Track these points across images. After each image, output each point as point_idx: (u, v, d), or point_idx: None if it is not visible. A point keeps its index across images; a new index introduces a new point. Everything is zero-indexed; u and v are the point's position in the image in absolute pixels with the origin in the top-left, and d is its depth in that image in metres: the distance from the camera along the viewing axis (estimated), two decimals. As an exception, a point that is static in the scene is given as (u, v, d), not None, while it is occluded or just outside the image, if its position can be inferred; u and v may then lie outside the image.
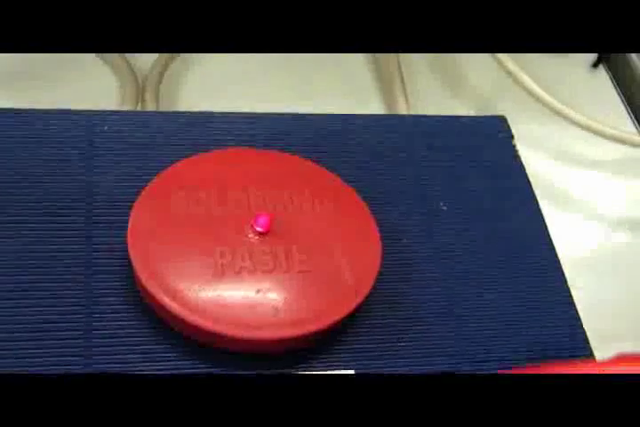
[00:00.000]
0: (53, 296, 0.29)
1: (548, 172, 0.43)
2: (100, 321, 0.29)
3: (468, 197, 0.36)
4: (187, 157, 0.32)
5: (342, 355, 0.30)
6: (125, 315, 0.29)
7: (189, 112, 0.36)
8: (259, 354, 0.29)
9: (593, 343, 0.32)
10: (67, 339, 0.28)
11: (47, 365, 0.28)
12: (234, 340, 0.27)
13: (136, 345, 0.29)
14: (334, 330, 0.29)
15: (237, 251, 0.29)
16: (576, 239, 0.42)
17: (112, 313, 0.29)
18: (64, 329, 0.28)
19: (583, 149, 0.45)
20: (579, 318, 0.33)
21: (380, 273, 0.30)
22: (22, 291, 0.29)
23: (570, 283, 0.34)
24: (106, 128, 0.34)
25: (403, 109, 0.43)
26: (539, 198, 0.37)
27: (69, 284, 0.29)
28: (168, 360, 0.28)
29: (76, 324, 0.29)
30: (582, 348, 0.32)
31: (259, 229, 0.29)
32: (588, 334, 0.33)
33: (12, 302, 0.29)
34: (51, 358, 0.28)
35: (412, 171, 0.36)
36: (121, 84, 0.42)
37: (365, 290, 0.29)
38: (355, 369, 0.29)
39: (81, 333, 0.28)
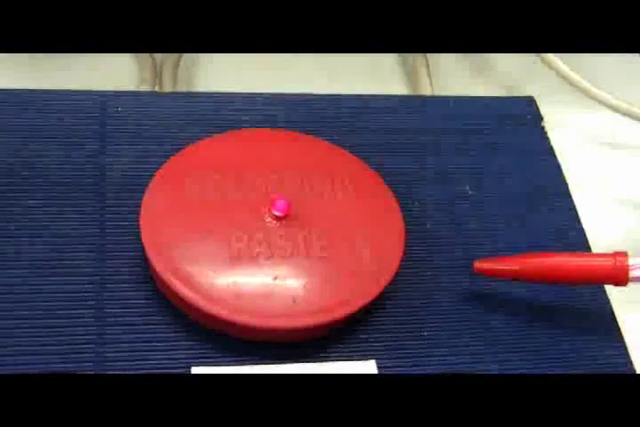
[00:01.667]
0: (64, 282, 0.28)
1: (578, 156, 0.42)
2: (113, 308, 0.28)
3: (495, 182, 0.35)
4: (202, 138, 0.31)
5: (363, 345, 0.29)
6: (138, 301, 0.28)
7: (205, 93, 0.35)
8: (276, 343, 0.28)
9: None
10: (78, 326, 0.27)
11: (59, 353, 0.27)
12: (249, 329, 0.26)
13: (149, 333, 0.27)
14: (355, 319, 0.28)
15: (254, 236, 0.28)
16: (607, 226, 0.40)
17: (125, 300, 0.28)
18: (75, 316, 0.27)
19: (616, 133, 0.43)
20: (610, 307, 0.32)
21: (404, 259, 0.29)
22: (32, 277, 0.28)
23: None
24: (119, 109, 0.33)
25: (426, 90, 0.41)
26: (569, 183, 0.35)
27: (81, 269, 0.28)
28: (182, 349, 0.27)
29: (87, 310, 0.28)
30: (619, 346, 0.31)
31: (276, 213, 0.28)
32: (620, 324, 0.31)
33: (22, 288, 0.28)
34: (62, 346, 0.27)
35: (435, 154, 0.35)
36: (139, 65, 0.41)
37: (388, 277, 0.28)
38: (376, 359, 0.28)
39: (93, 320, 0.27)
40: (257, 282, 0.27)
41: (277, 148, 0.31)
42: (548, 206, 0.34)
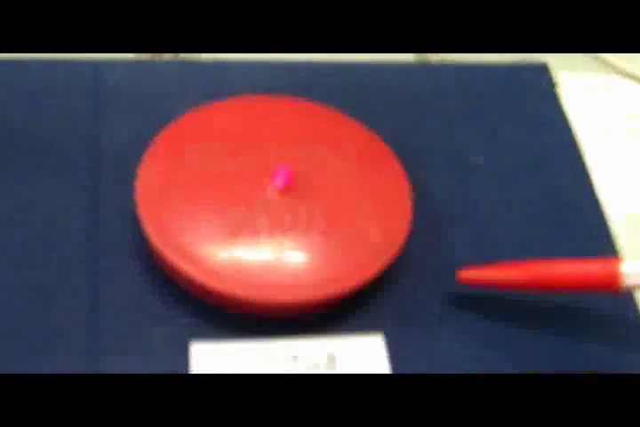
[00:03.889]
0: (56, 258, 0.27)
1: (594, 126, 0.40)
2: (108, 282, 0.27)
3: (507, 152, 0.33)
4: (201, 106, 0.29)
5: (370, 318, 0.27)
6: (134, 277, 0.27)
7: (205, 60, 0.34)
8: (278, 318, 0.27)
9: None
10: (70, 298, 0.26)
11: (51, 332, 0.26)
12: (250, 303, 0.25)
13: (147, 309, 0.26)
14: (361, 292, 0.27)
15: (255, 209, 0.26)
16: (624, 196, 0.38)
17: (120, 275, 0.27)
18: (68, 291, 0.26)
19: (635, 102, 0.41)
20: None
21: (411, 233, 0.27)
22: (22, 251, 0.27)
23: (617, 241, 0.31)
24: (115, 77, 0.32)
25: (434, 56, 0.40)
26: (585, 154, 0.34)
27: (74, 241, 0.27)
28: (182, 324, 0.26)
29: (81, 284, 0.27)
30: (630, 308, 0.29)
31: (278, 184, 0.27)
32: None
33: (14, 262, 0.27)
34: (55, 319, 0.26)
35: (444, 123, 0.33)
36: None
37: (394, 250, 0.27)
38: (384, 333, 0.27)
39: (86, 295, 0.26)
40: (258, 255, 0.26)
41: (279, 116, 0.29)
42: (562, 179, 0.33)
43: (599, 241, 0.31)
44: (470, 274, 0.27)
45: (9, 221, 0.28)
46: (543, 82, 0.36)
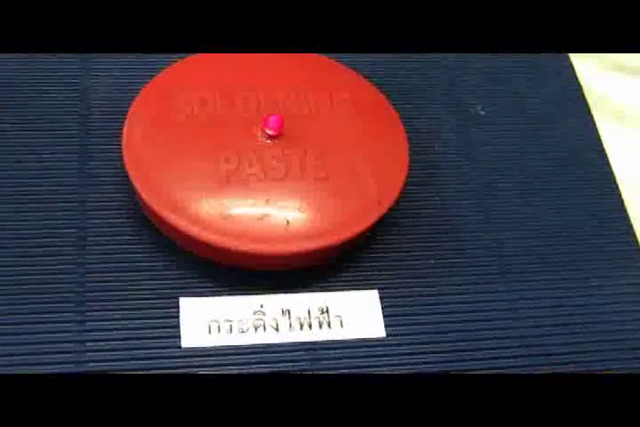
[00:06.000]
0: (45, 209, 0.26)
1: (605, 86, 0.39)
2: (96, 236, 0.26)
3: (509, 102, 0.32)
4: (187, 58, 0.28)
5: (365, 273, 0.27)
6: (122, 229, 0.26)
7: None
8: (271, 272, 0.26)
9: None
10: (59, 255, 0.25)
11: (38, 283, 0.25)
12: (240, 255, 0.24)
13: (134, 262, 0.26)
14: (355, 245, 0.26)
15: (245, 156, 0.25)
16: (634, 158, 0.37)
17: (108, 227, 0.26)
18: (56, 245, 0.26)
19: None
20: (634, 234, 0.29)
21: (408, 183, 0.26)
22: (12, 204, 0.26)
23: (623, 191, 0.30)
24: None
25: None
26: (596, 115, 0.32)
27: (61, 196, 0.27)
28: (170, 278, 0.26)
29: (69, 239, 0.26)
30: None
31: (269, 131, 0.26)
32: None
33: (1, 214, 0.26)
34: (42, 275, 0.25)
35: (444, 73, 0.32)
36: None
37: (390, 200, 0.26)
38: (379, 289, 0.26)
39: (74, 248, 0.26)
40: (248, 205, 0.25)
41: (270, 65, 0.28)
42: (567, 130, 0.32)
43: (606, 192, 0.30)
44: None
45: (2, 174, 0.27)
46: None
